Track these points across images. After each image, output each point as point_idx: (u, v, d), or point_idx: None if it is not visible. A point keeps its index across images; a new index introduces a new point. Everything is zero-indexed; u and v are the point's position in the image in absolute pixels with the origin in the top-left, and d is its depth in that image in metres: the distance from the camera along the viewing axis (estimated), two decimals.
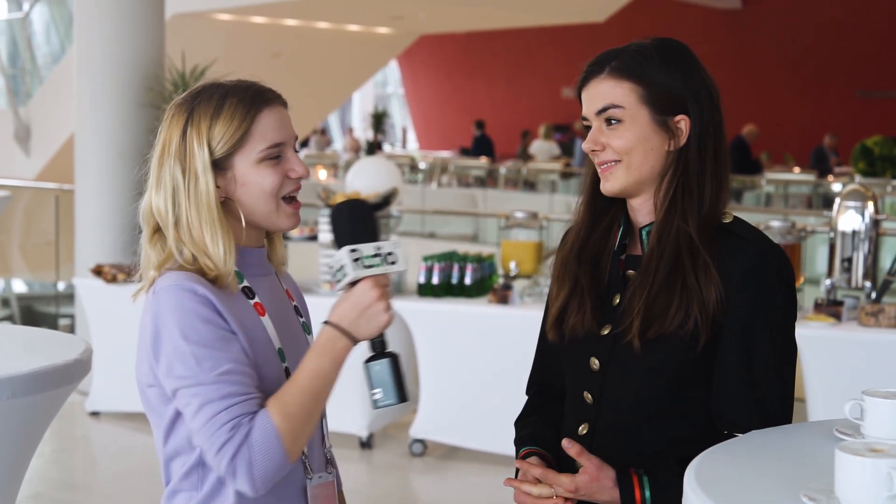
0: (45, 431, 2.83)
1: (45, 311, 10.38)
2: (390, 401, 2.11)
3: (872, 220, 5.55)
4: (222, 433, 2.02)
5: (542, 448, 2.34)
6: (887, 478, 1.57)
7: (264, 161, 2.15)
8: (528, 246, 6.36)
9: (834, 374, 5.31)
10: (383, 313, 2.10)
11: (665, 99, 2.20)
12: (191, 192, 2.13)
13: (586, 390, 2.27)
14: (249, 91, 2.18)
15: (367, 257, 2.10)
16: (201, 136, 2.13)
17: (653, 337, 2.15)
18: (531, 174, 17.69)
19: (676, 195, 2.20)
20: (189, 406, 2.05)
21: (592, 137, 2.22)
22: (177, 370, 2.06)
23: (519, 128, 23.87)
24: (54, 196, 10.11)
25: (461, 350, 6.15)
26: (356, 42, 19.35)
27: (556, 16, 18.77)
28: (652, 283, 2.17)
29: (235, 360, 2.06)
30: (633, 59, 2.22)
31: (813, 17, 22.44)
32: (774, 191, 15.58)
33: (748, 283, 2.15)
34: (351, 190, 6.81)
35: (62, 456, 6.48)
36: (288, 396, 2.07)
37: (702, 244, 2.16)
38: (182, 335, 2.05)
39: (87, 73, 7.85)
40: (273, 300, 2.25)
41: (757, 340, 2.14)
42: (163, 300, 2.09)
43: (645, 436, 2.21)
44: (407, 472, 6.24)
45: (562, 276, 2.33)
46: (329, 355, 2.10)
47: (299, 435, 2.06)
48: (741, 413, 2.14)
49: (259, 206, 2.16)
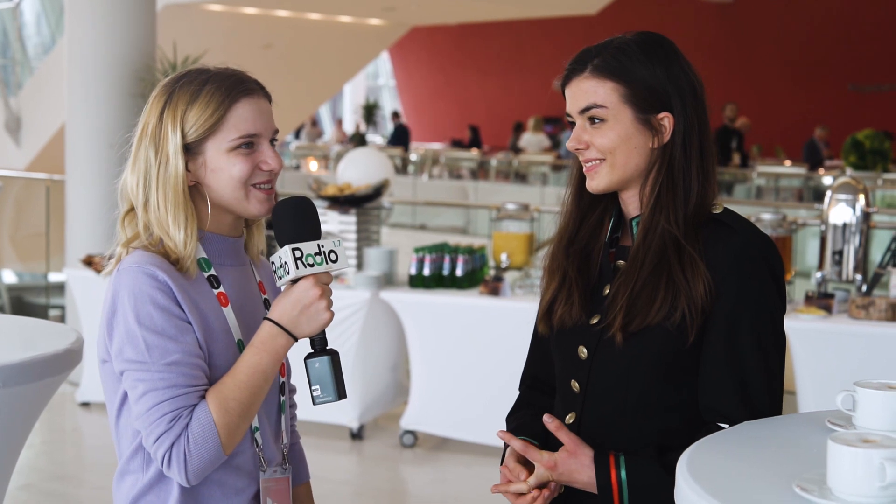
0: (36, 421, 2.83)
1: (35, 301, 10.35)
2: (329, 397, 2.14)
3: (863, 213, 5.55)
4: (161, 423, 2.04)
5: (530, 438, 2.34)
6: (879, 468, 1.57)
7: (235, 150, 2.15)
8: (519, 238, 6.36)
9: (824, 367, 5.32)
10: (324, 311, 2.12)
11: (647, 97, 2.20)
12: (160, 173, 2.14)
13: (574, 379, 2.28)
14: (230, 79, 2.18)
15: (308, 255, 2.11)
16: (176, 120, 2.14)
17: (635, 330, 2.16)
18: (522, 166, 17.70)
19: (661, 191, 2.20)
20: (134, 390, 2.08)
21: (576, 136, 2.23)
22: (126, 352, 2.07)
23: (510, 120, 23.87)
24: (45, 186, 10.09)
25: (452, 342, 6.15)
26: (348, 33, 19.31)
27: (548, 8, 18.75)
28: (637, 277, 2.18)
29: (185, 350, 2.08)
30: (615, 57, 2.21)
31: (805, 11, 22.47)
32: (765, 184, 15.60)
33: (733, 271, 2.15)
34: (342, 181, 6.80)
35: (52, 447, 6.47)
36: (227, 391, 2.09)
37: (687, 238, 2.17)
38: (136, 319, 2.07)
39: (78, 63, 7.83)
40: (240, 291, 2.25)
41: (741, 329, 2.14)
42: (123, 280, 2.10)
43: (631, 426, 2.21)
44: (397, 463, 6.24)
45: (551, 268, 2.34)
46: (268, 352, 2.12)
47: (236, 429, 2.09)
48: (726, 403, 2.14)
49: (227, 192, 2.17)
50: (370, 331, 6.32)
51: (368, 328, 6.29)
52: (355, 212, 6.59)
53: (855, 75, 22.23)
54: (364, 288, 6.21)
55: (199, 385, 2.08)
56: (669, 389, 2.19)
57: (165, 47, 8.19)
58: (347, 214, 6.57)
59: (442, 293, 6.17)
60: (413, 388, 6.28)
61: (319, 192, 6.65)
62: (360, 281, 6.21)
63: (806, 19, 22.46)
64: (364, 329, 6.26)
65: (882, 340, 5.20)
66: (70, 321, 7.76)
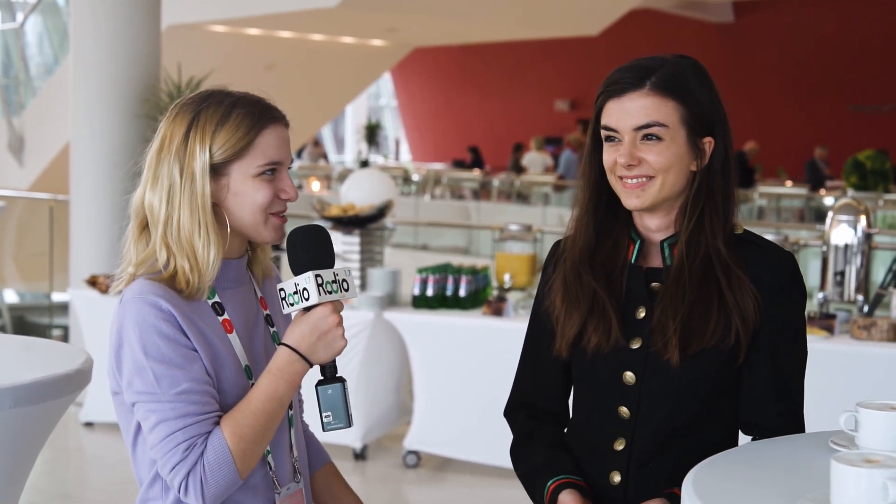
0: (45, 441, 2.84)
1: (37, 321, 10.36)
2: (340, 424, 2.15)
3: (865, 233, 5.57)
4: (177, 453, 2.06)
5: (569, 475, 2.31)
6: (882, 488, 1.59)
7: (260, 176, 2.16)
8: (522, 258, 6.38)
9: (826, 387, 5.32)
10: (340, 339, 2.13)
11: (700, 120, 2.21)
12: (186, 192, 2.13)
13: (622, 405, 2.26)
14: (258, 105, 2.20)
15: (328, 283, 2.13)
16: (205, 139, 2.14)
17: (693, 353, 2.17)
18: (524, 186, 17.72)
19: (704, 214, 2.21)
20: (146, 421, 2.09)
21: (629, 151, 2.18)
22: (136, 384, 2.09)
23: (511, 140, 23.90)
24: (48, 206, 10.11)
25: (455, 362, 6.16)
26: (350, 54, 19.37)
27: (549, 29, 18.80)
28: (685, 298, 2.18)
29: (194, 378, 2.08)
30: (675, 75, 2.20)
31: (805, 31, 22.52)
32: (767, 204, 15.62)
33: (776, 292, 2.20)
34: (346, 201, 6.83)
35: (56, 466, 6.47)
36: (242, 417, 2.10)
37: (731, 259, 2.19)
38: (143, 350, 2.08)
39: (82, 83, 7.86)
40: (243, 314, 2.25)
41: (784, 348, 2.21)
42: (126, 312, 2.11)
43: (681, 445, 2.23)
44: (401, 483, 6.24)
45: (574, 292, 2.29)
46: (285, 378, 2.13)
47: (251, 455, 2.10)
48: (773, 420, 2.20)
49: (247, 217, 2.18)
50: (374, 351, 6.33)
51: (372, 348, 6.31)
52: (359, 232, 6.61)
53: (855, 96, 22.27)
54: (368, 308, 6.23)
55: (210, 412, 2.09)
56: (717, 407, 2.23)
57: (169, 68, 8.23)
58: (351, 235, 6.60)
59: (445, 314, 6.18)
60: (416, 409, 6.29)
61: (323, 213, 6.67)
62: (364, 301, 6.23)
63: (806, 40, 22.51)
64: (368, 349, 6.27)
65: (884, 361, 5.21)
66: (73, 341, 7.77)
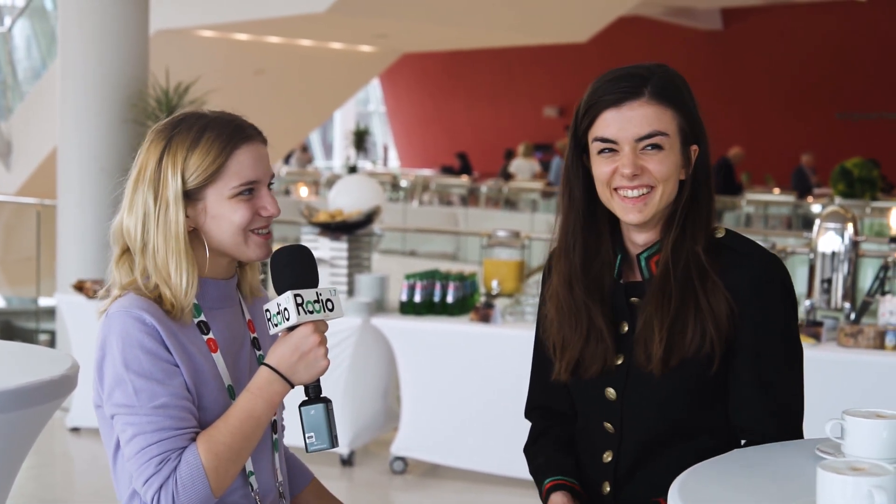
0: (31, 447, 2.83)
1: (24, 326, 10.33)
2: (323, 445, 2.15)
3: (852, 241, 5.59)
4: (150, 466, 2.06)
5: (565, 476, 2.33)
6: (868, 496, 1.60)
7: (236, 196, 2.16)
8: (510, 265, 6.38)
9: (813, 395, 5.29)
10: (322, 359, 2.13)
11: (691, 128, 2.22)
12: (160, 220, 2.14)
13: (606, 421, 2.27)
14: (229, 126, 2.18)
15: (308, 302, 2.12)
16: (176, 166, 2.14)
17: (675, 364, 2.17)
18: (512, 193, 17.73)
19: (688, 222, 2.21)
20: (123, 433, 2.09)
21: (632, 161, 2.16)
22: (115, 397, 2.09)
23: (500, 146, 23.91)
24: (35, 211, 10.08)
25: (443, 368, 6.15)
26: (339, 60, 19.36)
27: (539, 36, 18.82)
28: (669, 309, 2.17)
29: (173, 393, 2.08)
30: (668, 84, 2.20)
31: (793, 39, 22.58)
32: (754, 211, 15.65)
33: (753, 295, 2.18)
34: (334, 207, 6.82)
35: (42, 471, 6.45)
36: (218, 435, 2.09)
37: (708, 264, 2.18)
38: (124, 363, 2.08)
39: (70, 88, 7.85)
40: (229, 335, 2.24)
41: (769, 352, 2.19)
42: (111, 325, 2.11)
43: (669, 452, 2.24)
44: (388, 489, 6.23)
45: (569, 311, 2.27)
46: (263, 398, 2.12)
47: (225, 473, 2.09)
48: (763, 424, 2.20)
49: (227, 238, 2.17)
50: (361, 357, 6.32)
51: (359, 354, 6.30)
52: (346, 238, 6.60)
53: (843, 104, 22.33)
54: (355, 314, 6.22)
55: (187, 428, 2.09)
56: (702, 414, 2.23)
57: (158, 73, 8.22)
58: (339, 241, 6.59)
59: (433, 320, 6.17)
60: (403, 415, 6.28)
61: (311, 219, 6.67)
62: (351, 307, 6.22)
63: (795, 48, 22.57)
64: (355, 355, 6.26)
65: (871, 368, 5.22)
66: (60, 346, 7.74)
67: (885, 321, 5.33)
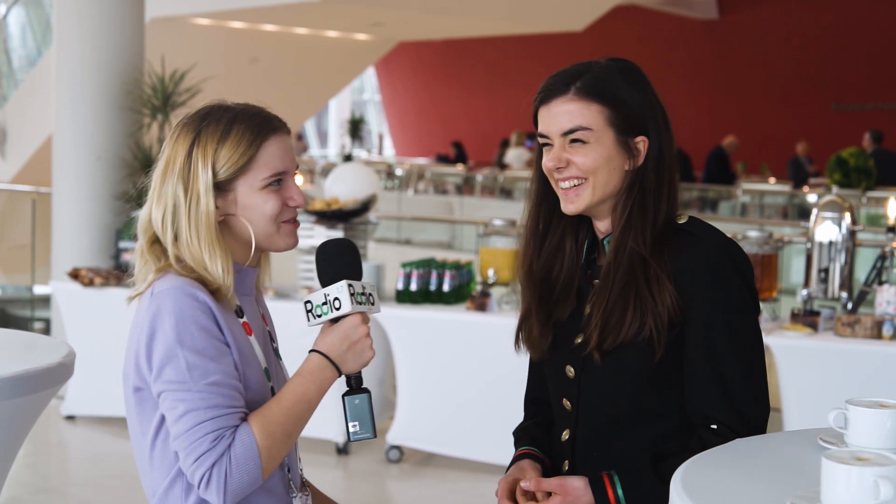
0: (27, 435, 2.82)
1: (19, 314, 10.32)
2: (366, 434, 2.19)
3: (849, 230, 5.58)
4: (204, 443, 2.04)
5: (535, 447, 2.41)
6: (873, 486, 1.59)
7: (267, 188, 2.19)
8: (506, 253, 6.37)
9: (810, 385, 5.34)
10: (369, 350, 2.18)
11: (629, 120, 2.25)
12: (191, 211, 2.16)
13: (565, 397, 2.34)
14: (257, 118, 2.22)
15: (358, 294, 2.17)
16: (206, 158, 2.17)
17: (609, 348, 2.22)
18: (508, 182, 17.72)
19: (632, 212, 2.26)
20: (174, 410, 2.07)
21: (556, 155, 2.26)
22: (167, 373, 2.07)
23: (495, 136, 23.89)
24: (31, 199, 10.06)
25: (439, 357, 6.15)
26: (335, 48, 19.33)
27: (535, 25, 18.81)
28: (608, 296, 2.23)
29: (225, 371, 2.09)
30: (600, 79, 2.26)
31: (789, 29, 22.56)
32: (750, 201, 15.65)
33: (702, 278, 2.21)
34: (330, 195, 6.80)
35: (37, 460, 6.44)
36: (272, 415, 2.10)
37: (653, 255, 2.22)
38: (177, 339, 2.07)
39: (66, 76, 7.83)
40: (255, 322, 2.28)
41: (717, 333, 2.20)
42: (163, 302, 2.10)
43: (625, 436, 2.27)
44: (383, 478, 6.23)
45: (521, 295, 2.45)
46: (316, 382, 2.15)
47: (276, 454, 2.10)
48: (712, 406, 2.20)
49: (259, 228, 2.20)
50: None
51: None
52: (342, 227, 6.59)
53: (838, 94, 22.33)
54: None
55: (238, 406, 2.09)
56: (656, 398, 2.25)
57: (153, 60, 8.19)
58: (335, 229, 6.57)
59: (429, 308, 6.17)
60: (399, 404, 6.28)
61: (307, 207, 6.65)
62: None
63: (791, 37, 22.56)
64: None
65: (867, 358, 5.22)
66: (55, 334, 7.73)
67: (882, 311, 5.33)
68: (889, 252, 5.66)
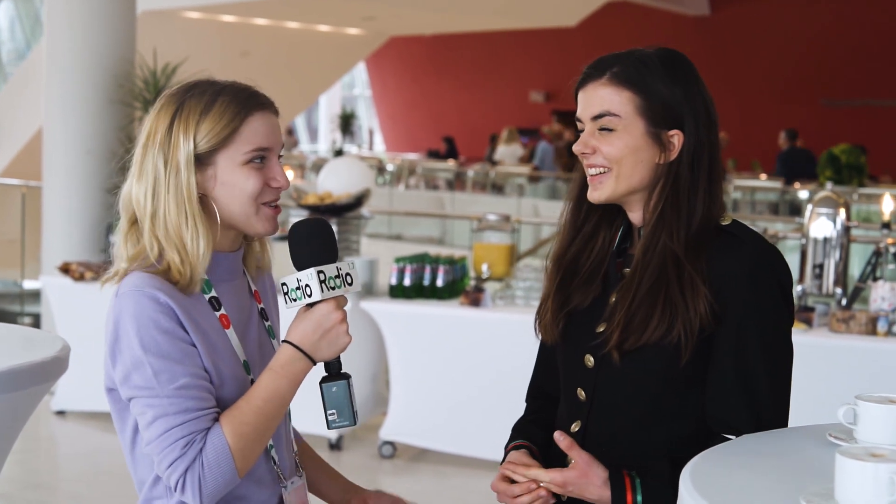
0: (21, 430, 2.79)
1: (8, 308, 10.28)
2: (345, 422, 2.11)
3: (844, 226, 5.57)
4: (175, 449, 2.00)
5: (530, 442, 2.35)
6: (889, 483, 1.56)
7: (248, 164, 2.11)
8: (500, 248, 6.35)
9: (804, 380, 5.28)
10: (344, 336, 2.11)
11: (662, 112, 2.18)
12: (171, 184, 2.08)
13: (580, 387, 2.26)
14: (243, 93, 2.15)
15: (330, 279, 2.08)
16: (188, 129, 2.09)
17: (630, 349, 2.15)
18: (499, 177, 17.71)
19: (665, 208, 2.18)
20: (143, 416, 2.03)
21: (583, 140, 2.21)
22: (133, 379, 2.03)
23: (486, 131, 23.86)
24: (20, 193, 10.03)
25: (432, 352, 6.13)
26: (326, 42, 19.30)
27: (527, 20, 18.80)
28: (635, 293, 2.16)
29: (192, 373, 2.03)
30: (635, 67, 2.19)
31: (780, 26, 22.59)
32: (741, 197, 15.65)
33: (742, 282, 2.14)
34: (323, 190, 6.77)
35: (27, 455, 6.40)
36: (242, 415, 2.05)
37: (688, 257, 2.14)
38: (140, 345, 2.02)
39: (56, 69, 7.78)
40: (238, 307, 2.20)
41: (749, 341, 2.13)
42: (124, 305, 2.05)
43: (639, 435, 2.20)
44: (376, 473, 6.21)
45: (546, 279, 2.36)
46: (287, 376, 2.08)
47: (250, 454, 2.06)
48: (734, 414, 2.14)
49: (237, 207, 2.12)
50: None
51: None
52: (336, 221, 6.56)
53: (827, 90, 22.36)
54: None
55: (209, 408, 2.04)
56: (676, 400, 2.18)
57: (145, 53, 8.15)
58: None
59: (422, 304, 6.14)
60: (392, 399, 6.25)
61: (300, 202, 6.62)
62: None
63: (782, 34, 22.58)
64: None
65: (862, 354, 5.21)
66: (45, 329, 7.68)
67: (877, 307, 5.32)
68: (883, 248, 5.64)
